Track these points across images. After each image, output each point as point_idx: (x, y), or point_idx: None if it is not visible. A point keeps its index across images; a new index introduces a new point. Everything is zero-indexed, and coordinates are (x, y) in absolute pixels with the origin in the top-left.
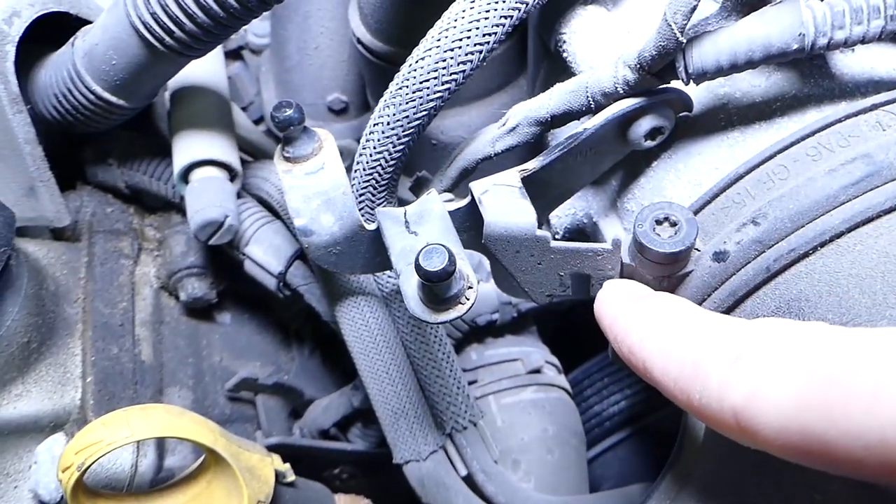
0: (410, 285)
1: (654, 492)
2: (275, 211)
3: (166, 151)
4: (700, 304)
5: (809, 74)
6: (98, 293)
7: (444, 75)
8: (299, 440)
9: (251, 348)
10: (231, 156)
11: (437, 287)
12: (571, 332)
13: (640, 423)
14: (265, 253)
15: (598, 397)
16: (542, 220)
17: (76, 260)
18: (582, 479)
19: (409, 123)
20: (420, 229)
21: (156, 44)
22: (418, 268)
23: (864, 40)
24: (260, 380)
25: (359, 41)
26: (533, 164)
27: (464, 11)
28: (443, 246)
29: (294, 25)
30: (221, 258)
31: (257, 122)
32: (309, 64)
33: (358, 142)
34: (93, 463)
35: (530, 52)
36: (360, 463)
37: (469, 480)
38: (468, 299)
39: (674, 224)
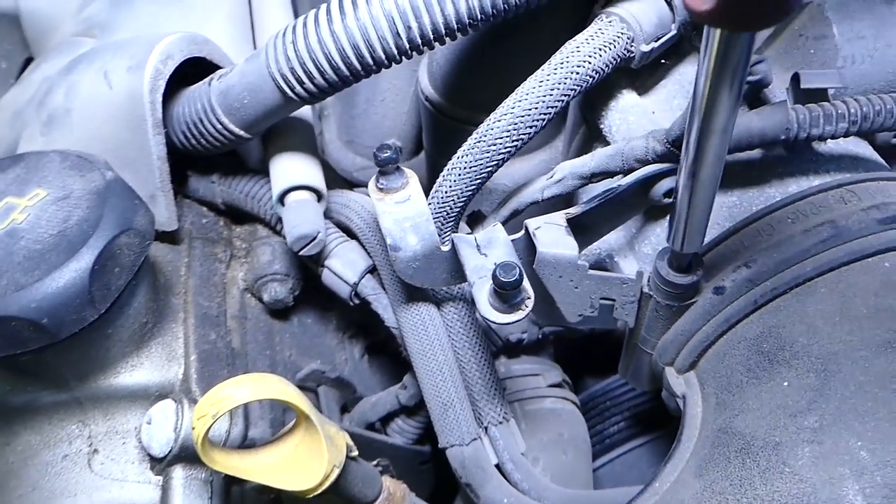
0: (482, 294)
1: (658, 475)
2: (352, 233)
3: (259, 173)
4: (701, 326)
5: (793, 157)
6: (197, 288)
7: (514, 135)
8: (354, 428)
9: (313, 348)
10: (320, 182)
11: (507, 294)
12: (580, 360)
13: (636, 443)
14: (343, 266)
15: (600, 418)
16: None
17: (178, 260)
18: (588, 478)
19: (481, 170)
20: (489, 252)
21: (287, 91)
22: (495, 278)
23: (833, 136)
24: (325, 373)
25: (426, 98)
26: (576, 210)
27: (534, 88)
28: (515, 263)
29: (366, 80)
30: (298, 268)
31: None
32: (373, 113)
33: None
34: (224, 413)
35: (570, 121)
36: (396, 457)
37: (499, 468)
38: (527, 306)
39: None
